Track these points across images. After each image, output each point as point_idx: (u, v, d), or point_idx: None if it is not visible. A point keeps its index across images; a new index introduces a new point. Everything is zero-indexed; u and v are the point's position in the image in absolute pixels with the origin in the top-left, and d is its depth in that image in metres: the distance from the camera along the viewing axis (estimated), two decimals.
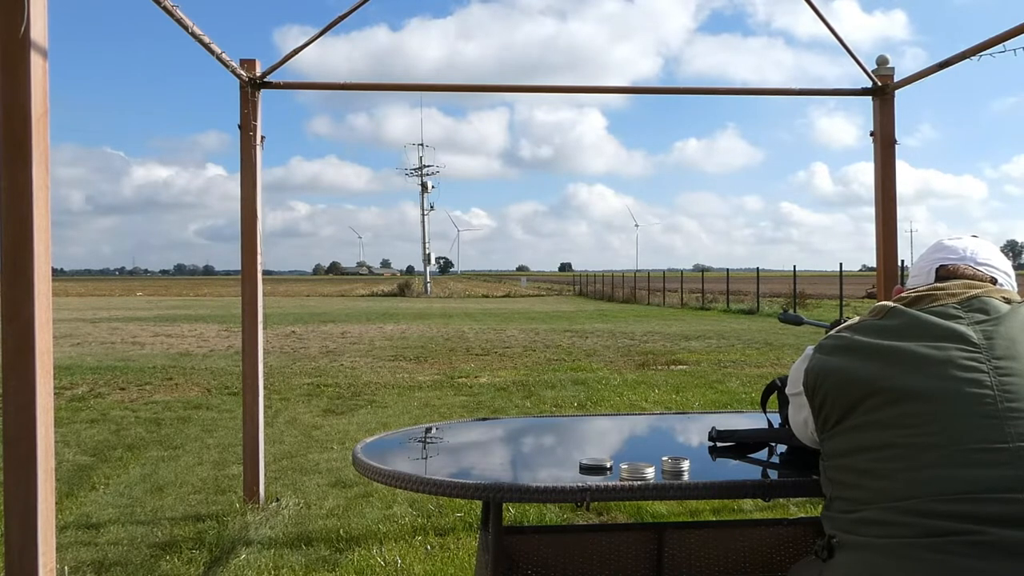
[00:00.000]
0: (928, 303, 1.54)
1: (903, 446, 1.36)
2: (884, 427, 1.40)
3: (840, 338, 1.55)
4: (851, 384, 1.46)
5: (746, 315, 25.83)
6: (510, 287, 65.31)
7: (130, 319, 24.70)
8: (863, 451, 1.42)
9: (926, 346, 1.43)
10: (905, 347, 1.44)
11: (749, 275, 34.13)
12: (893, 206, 4.52)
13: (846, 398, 1.46)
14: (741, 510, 4.30)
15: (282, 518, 4.32)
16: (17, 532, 2.10)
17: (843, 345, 1.52)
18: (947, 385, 1.38)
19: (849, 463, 1.45)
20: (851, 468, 1.44)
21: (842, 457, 1.47)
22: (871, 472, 1.40)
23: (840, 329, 1.58)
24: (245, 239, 4.50)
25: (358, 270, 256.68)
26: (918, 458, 1.34)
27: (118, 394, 9.00)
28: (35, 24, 2.08)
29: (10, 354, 2.09)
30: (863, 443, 1.42)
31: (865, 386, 1.44)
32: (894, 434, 1.38)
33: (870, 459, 1.40)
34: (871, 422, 1.42)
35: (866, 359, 1.46)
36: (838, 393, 1.48)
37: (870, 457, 1.40)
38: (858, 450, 1.43)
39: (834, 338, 1.56)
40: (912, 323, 1.49)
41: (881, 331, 1.50)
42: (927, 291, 1.58)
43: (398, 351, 13.91)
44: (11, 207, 2.09)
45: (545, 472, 2.11)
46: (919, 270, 1.73)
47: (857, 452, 1.43)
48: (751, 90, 5.43)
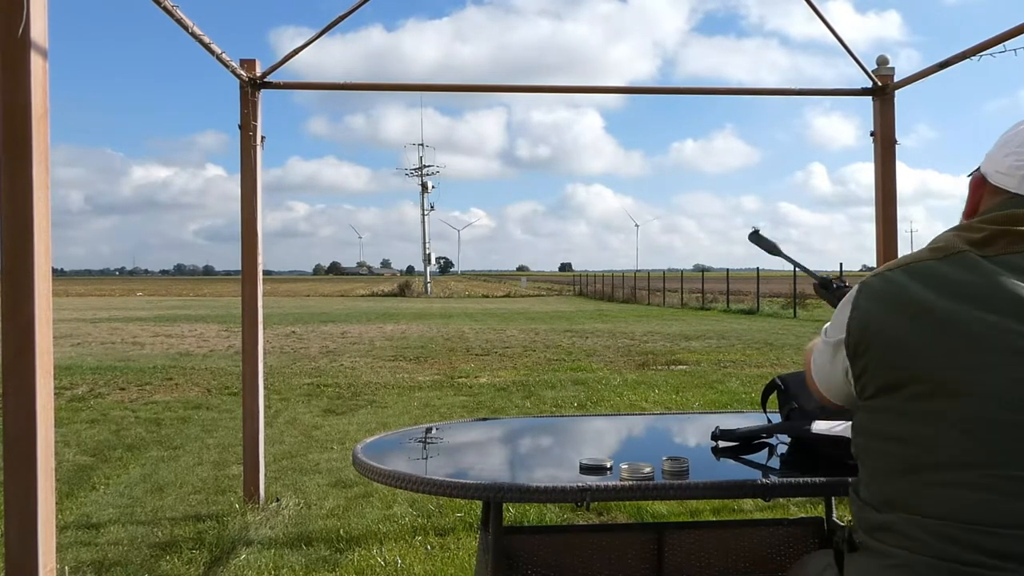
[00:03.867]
0: (1009, 246, 1.20)
1: (946, 454, 1.15)
2: (926, 423, 1.17)
3: (892, 282, 1.23)
4: (899, 355, 1.19)
5: (746, 315, 25.82)
6: (510, 287, 65.31)
7: (130, 319, 24.70)
8: (901, 442, 1.19)
9: (994, 324, 1.13)
10: (967, 320, 1.14)
11: (749, 275, 34.13)
12: (893, 206, 4.52)
13: (891, 373, 1.20)
14: (741, 510, 4.30)
15: (282, 518, 4.32)
16: (17, 532, 2.10)
17: (894, 295, 1.21)
18: (1013, 390, 1.11)
19: (883, 448, 1.23)
20: (885, 454, 1.22)
21: (878, 440, 1.24)
22: (907, 472, 1.19)
23: (894, 266, 1.26)
24: (245, 239, 4.50)
25: (358, 270, 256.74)
26: (961, 475, 1.14)
27: (118, 394, 9.00)
28: (35, 24, 2.08)
29: (10, 354, 2.09)
30: (902, 434, 1.19)
31: (913, 363, 1.17)
32: (937, 437, 1.16)
33: (908, 456, 1.19)
34: (915, 412, 1.18)
35: (920, 324, 1.17)
36: (880, 364, 1.21)
37: (908, 454, 1.18)
38: (896, 439, 1.20)
39: (885, 279, 1.24)
40: (986, 283, 1.16)
41: (942, 284, 1.18)
42: (1011, 225, 1.21)
43: (398, 351, 13.91)
44: (11, 207, 2.09)
45: (545, 472, 2.11)
46: (1012, 165, 1.26)
47: (894, 441, 1.20)
48: (751, 90, 5.43)
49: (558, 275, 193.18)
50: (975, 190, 1.32)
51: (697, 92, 5.41)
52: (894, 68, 4.48)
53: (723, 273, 34.94)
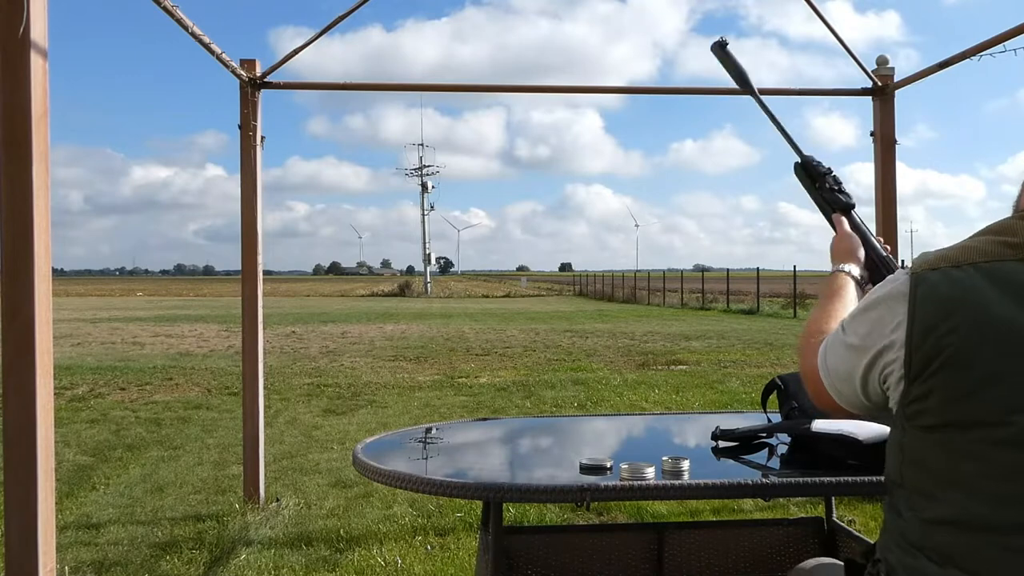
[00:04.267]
0: None
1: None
2: (1011, 478, 0.96)
3: (965, 286, 0.98)
4: (986, 390, 0.96)
5: (746, 315, 25.83)
6: (510, 287, 65.32)
7: (130, 319, 24.70)
8: (971, 492, 0.97)
9: None
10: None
11: (749, 275, 34.15)
12: (893, 206, 4.52)
13: (969, 408, 0.97)
14: (741, 510, 4.30)
15: (282, 518, 4.32)
16: (17, 532, 2.10)
17: (973, 306, 0.97)
18: None
19: (942, 492, 1.00)
20: (946, 501, 1.00)
21: (933, 478, 1.01)
22: (975, 529, 0.96)
23: (962, 261, 1.01)
24: (245, 239, 4.50)
25: (358, 270, 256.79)
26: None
27: (118, 394, 9.00)
28: (35, 24, 2.08)
29: (10, 354, 2.09)
30: (974, 482, 0.97)
31: (1005, 403, 0.95)
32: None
33: (978, 510, 0.96)
34: (995, 460, 0.96)
35: (1012, 353, 0.95)
36: (955, 394, 0.98)
37: (979, 509, 0.96)
38: (963, 485, 0.98)
39: (952, 280, 0.99)
40: None
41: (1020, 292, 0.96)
42: None
43: (398, 351, 13.91)
44: (11, 207, 2.09)
45: (545, 472, 2.11)
46: None
47: (961, 488, 0.98)
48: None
49: (558, 275, 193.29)
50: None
51: (696, 92, 5.41)
52: (894, 68, 4.48)
53: (723, 273, 34.94)
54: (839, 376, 1.15)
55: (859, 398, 1.13)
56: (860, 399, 1.13)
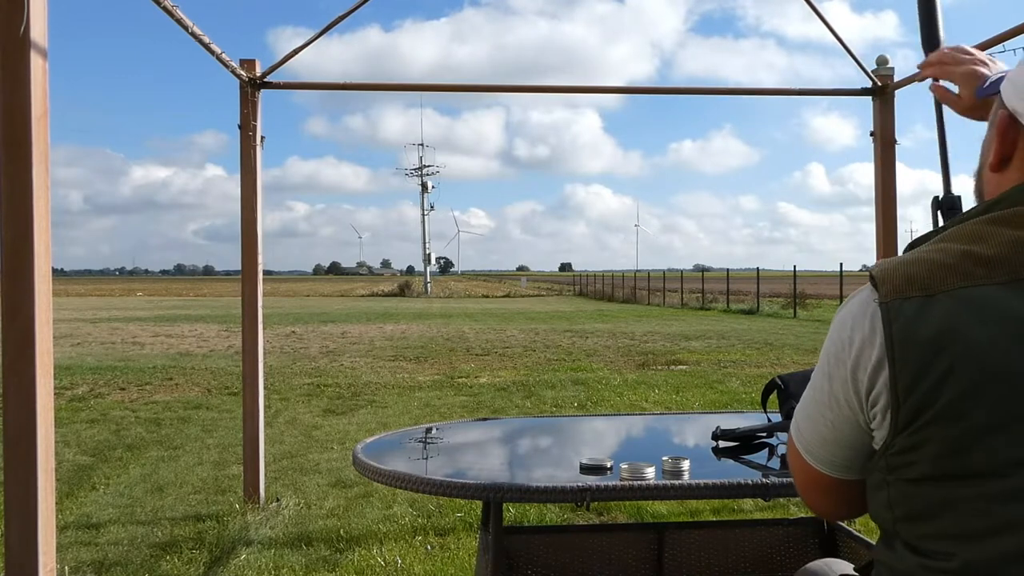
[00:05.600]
0: None
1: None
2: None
3: (948, 325, 0.85)
4: (969, 437, 0.85)
5: (746, 315, 25.82)
6: (510, 287, 65.32)
7: (130, 319, 24.70)
8: (966, 544, 0.86)
9: None
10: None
11: (749, 275, 34.15)
12: (893, 206, 4.52)
13: (956, 461, 0.86)
14: (741, 510, 4.30)
15: (282, 518, 4.32)
16: (17, 532, 2.10)
17: (952, 339, 0.84)
18: None
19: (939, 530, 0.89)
20: (942, 542, 0.88)
21: (935, 530, 0.89)
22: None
23: (936, 289, 0.87)
24: (245, 239, 4.50)
25: (358, 270, 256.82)
26: None
27: (118, 394, 9.00)
28: (35, 24, 2.08)
29: (10, 354, 2.09)
30: (969, 534, 0.86)
31: (980, 446, 0.84)
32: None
33: (976, 563, 0.86)
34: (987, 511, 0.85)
35: (995, 397, 0.83)
36: (948, 439, 0.85)
37: (979, 559, 0.86)
38: (962, 539, 0.87)
39: (920, 310, 0.86)
40: None
41: (1012, 326, 0.84)
42: None
43: (398, 351, 13.91)
44: (11, 207, 2.09)
45: (545, 472, 2.12)
46: None
47: (959, 541, 0.87)
48: (752, 90, 5.43)
49: (558, 275, 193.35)
50: (1004, 132, 0.95)
51: (696, 92, 5.41)
52: (894, 68, 4.48)
53: (723, 273, 34.95)
54: (810, 424, 0.99)
55: (838, 436, 0.96)
56: (839, 438, 0.96)
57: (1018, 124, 0.93)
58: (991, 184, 0.97)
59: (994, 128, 0.96)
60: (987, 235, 0.88)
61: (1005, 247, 0.86)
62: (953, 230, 0.93)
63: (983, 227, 0.89)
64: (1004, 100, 0.95)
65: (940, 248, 0.90)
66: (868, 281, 0.93)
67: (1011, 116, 0.94)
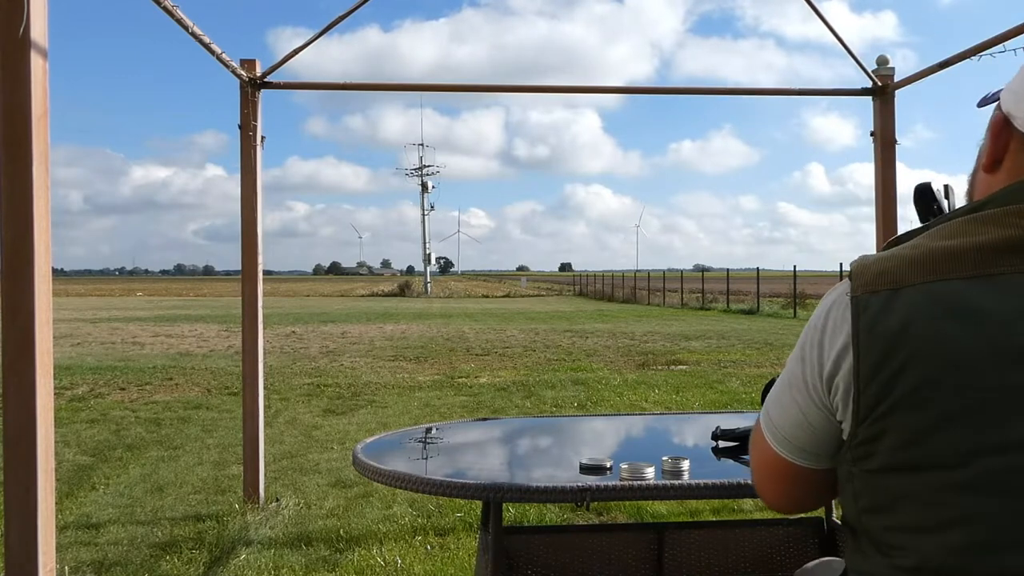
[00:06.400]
0: None
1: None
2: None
3: (910, 317, 0.86)
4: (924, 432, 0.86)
5: (746, 315, 25.83)
6: (510, 287, 65.32)
7: (130, 319, 24.70)
8: (928, 535, 0.87)
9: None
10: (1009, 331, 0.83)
11: (749, 275, 34.16)
12: (893, 206, 4.52)
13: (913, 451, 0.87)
14: (741, 510, 4.30)
15: (282, 518, 4.32)
16: (17, 532, 2.10)
17: (922, 340, 0.85)
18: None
19: (897, 522, 0.90)
20: (905, 535, 0.89)
21: (899, 523, 0.90)
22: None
23: (905, 282, 0.88)
24: (245, 239, 4.50)
25: (358, 270, 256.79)
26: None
27: (118, 394, 9.00)
28: (35, 24, 2.08)
29: (10, 354, 2.10)
30: (931, 526, 0.87)
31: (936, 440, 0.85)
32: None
33: (938, 555, 0.86)
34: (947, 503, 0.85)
35: (962, 384, 0.84)
36: (906, 430, 0.87)
37: (942, 550, 0.86)
38: (924, 531, 0.87)
39: (895, 308, 0.87)
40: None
41: (975, 320, 0.85)
42: None
43: (398, 351, 13.91)
44: (11, 207, 2.09)
45: (545, 472, 2.12)
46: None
47: (922, 533, 0.87)
48: (752, 90, 5.43)
49: (558, 275, 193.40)
50: (998, 135, 0.97)
51: (695, 92, 5.41)
52: (894, 68, 4.49)
53: (723, 273, 34.94)
54: (781, 409, 1.02)
55: (806, 420, 0.97)
56: (807, 421, 0.97)
57: (1011, 127, 0.94)
58: (982, 185, 0.99)
59: (989, 131, 0.99)
60: (963, 232, 0.90)
61: (976, 243, 0.88)
62: (935, 228, 0.94)
63: (963, 225, 0.91)
64: (1001, 103, 0.98)
65: (915, 245, 0.93)
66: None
67: (1005, 118, 0.96)
